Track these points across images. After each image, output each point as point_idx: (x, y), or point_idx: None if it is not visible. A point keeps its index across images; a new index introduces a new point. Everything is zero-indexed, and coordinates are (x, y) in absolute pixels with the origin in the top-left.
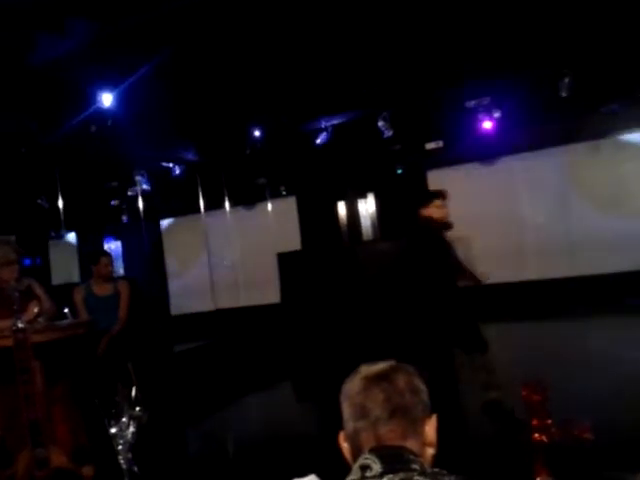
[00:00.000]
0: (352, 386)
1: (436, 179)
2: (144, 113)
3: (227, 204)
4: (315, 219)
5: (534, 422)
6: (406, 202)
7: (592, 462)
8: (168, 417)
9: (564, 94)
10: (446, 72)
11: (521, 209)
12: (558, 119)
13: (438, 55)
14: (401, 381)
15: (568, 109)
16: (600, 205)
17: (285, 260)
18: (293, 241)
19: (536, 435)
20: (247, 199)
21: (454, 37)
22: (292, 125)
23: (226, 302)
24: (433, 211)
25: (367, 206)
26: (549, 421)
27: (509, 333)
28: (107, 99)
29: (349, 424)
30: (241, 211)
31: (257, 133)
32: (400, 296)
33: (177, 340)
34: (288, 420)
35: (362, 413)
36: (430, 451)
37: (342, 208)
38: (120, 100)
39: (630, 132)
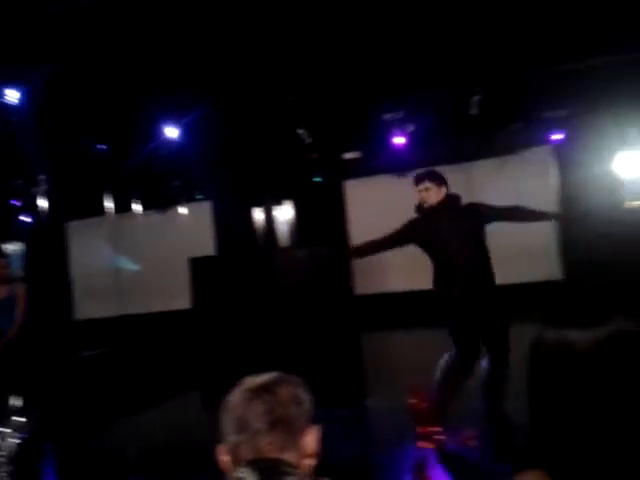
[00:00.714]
0: (233, 398)
1: (353, 189)
2: (50, 109)
3: (138, 207)
4: (230, 225)
5: (420, 429)
6: (323, 210)
7: (477, 467)
8: (64, 425)
9: (474, 112)
10: (363, 84)
11: None
12: (468, 135)
13: (356, 66)
14: (284, 392)
15: (478, 126)
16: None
17: (197, 265)
18: (207, 247)
19: (422, 442)
20: (160, 202)
21: (372, 50)
22: (205, 127)
23: (134, 308)
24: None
25: (284, 213)
26: (436, 428)
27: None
28: (13, 95)
29: (229, 437)
30: (153, 214)
31: (171, 133)
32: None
33: (81, 346)
34: (193, 427)
35: (242, 426)
36: (309, 462)
37: (259, 214)
38: (26, 94)
39: (533, 149)
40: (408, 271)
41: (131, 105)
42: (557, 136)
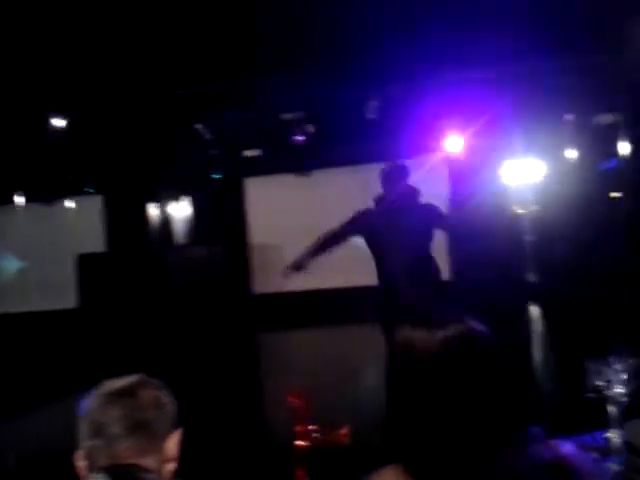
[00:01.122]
0: (91, 403)
1: (254, 187)
2: None
3: (20, 199)
4: (122, 220)
5: (298, 428)
6: (221, 207)
7: (350, 465)
8: None
9: (372, 116)
10: (263, 82)
11: (331, 222)
12: (366, 139)
13: (258, 64)
14: (145, 396)
15: (375, 130)
16: None
17: (86, 262)
18: (96, 243)
19: (298, 441)
20: (46, 195)
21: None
22: (99, 119)
23: (14, 306)
24: None
25: (181, 209)
26: (312, 427)
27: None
28: None
29: (85, 442)
30: (37, 208)
31: (59, 123)
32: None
33: None
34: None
35: (98, 431)
36: (170, 466)
37: (153, 210)
38: None
39: (426, 155)
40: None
41: (15, 93)
42: (450, 143)
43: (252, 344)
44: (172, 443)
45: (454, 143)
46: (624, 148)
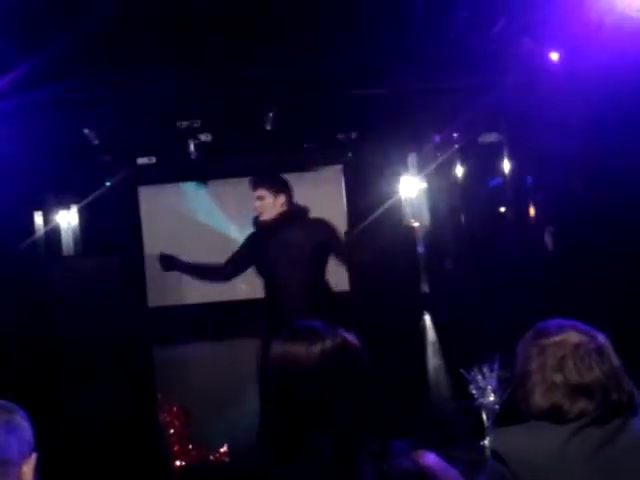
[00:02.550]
0: None
1: (148, 195)
2: None
3: None
4: (5, 229)
5: (175, 447)
6: (114, 216)
7: None
8: None
9: (269, 127)
10: (157, 89)
11: (227, 231)
12: (264, 149)
13: (149, 69)
14: None
15: (273, 141)
16: None
17: None
18: None
19: (177, 461)
20: None
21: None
22: None
23: None
24: None
25: (69, 218)
26: (190, 446)
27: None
28: None
29: None
30: None
31: None
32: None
33: None
34: None
35: None
36: None
37: (39, 218)
38: None
39: (324, 168)
40: (203, 283)
41: None
42: (347, 157)
43: (147, 358)
44: (27, 469)
45: (350, 156)
46: (507, 165)
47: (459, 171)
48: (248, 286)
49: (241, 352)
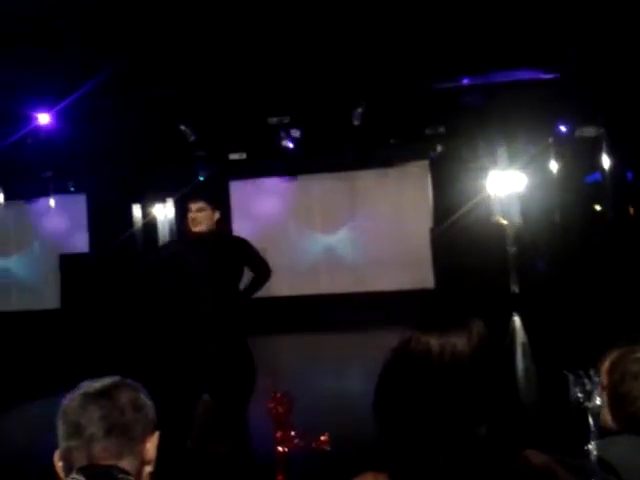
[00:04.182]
0: (69, 403)
1: (238, 190)
2: None
3: (1, 196)
4: (107, 221)
5: (278, 434)
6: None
7: (330, 472)
8: None
9: (356, 123)
10: (249, 86)
11: (314, 226)
12: (351, 145)
13: (241, 67)
14: (123, 397)
15: (360, 137)
16: (381, 228)
17: (68, 262)
18: (80, 243)
19: (279, 447)
20: (28, 192)
21: (261, 51)
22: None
23: None
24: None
25: (166, 211)
26: (292, 433)
27: (292, 344)
28: None
29: (63, 442)
30: (20, 205)
31: (43, 119)
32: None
33: None
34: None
35: (76, 431)
36: (148, 469)
37: (137, 211)
38: None
39: (411, 163)
40: (292, 277)
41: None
42: (434, 152)
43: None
44: (150, 445)
45: (438, 151)
46: (607, 161)
47: (554, 166)
48: (334, 280)
49: (328, 344)
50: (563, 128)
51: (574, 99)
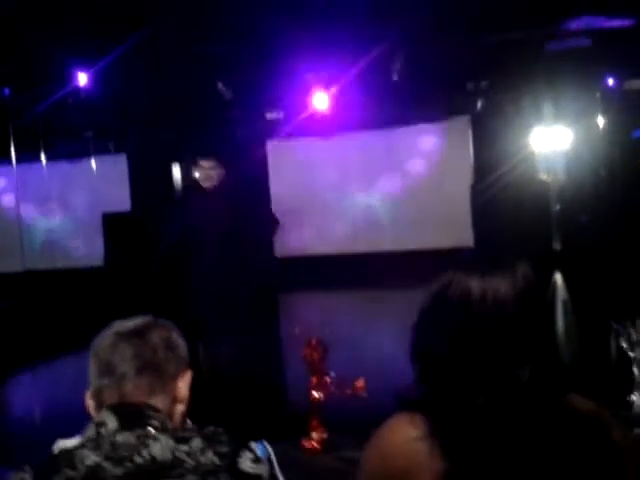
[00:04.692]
0: (101, 342)
1: (276, 149)
2: None
3: (43, 156)
4: (147, 180)
5: (313, 380)
6: (244, 169)
7: (365, 417)
8: None
9: (395, 78)
10: (282, 41)
11: (352, 185)
12: (389, 101)
13: (274, 24)
14: (155, 337)
15: (399, 93)
16: (420, 186)
17: (111, 222)
18: (121, 202)
19: (314, 392)
20: (70, 152)
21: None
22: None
23: (39, 263)
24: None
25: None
26: (327, 379)
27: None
28: None
29: (94, 381)
30: (63, 165)
31: (82, 79)
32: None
33: None
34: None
35: (108, 370)
36: (180, 407)
37: (176, 170)
38: None
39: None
40: (327, 236)
41: (38, 46)
42: (476, 107)
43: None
44: (182, 384)
45: (480, 106)
46: None
47: (600, 122)
48: (373, 239)
49: (367, 302)
50: (611, 81)
51: (622, 50)
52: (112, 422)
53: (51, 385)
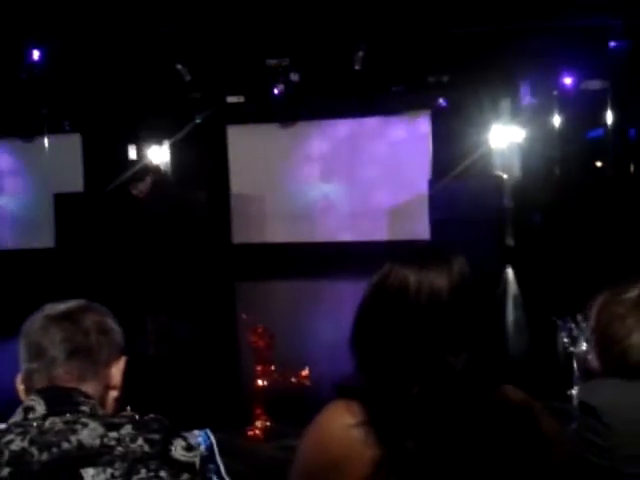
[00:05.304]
0: (31, 325)
1: (236, 134)
2: None
3: None
4: (101, 161)
5: (258, 368)
6: (202, 153)
7: (309, 406)
8: None
9: (358, 67)
10: (247, 25)
11: (312, 174)
12: (352, 91)
13: (240, 5)
14: (88, 321)
15: (361, 83)
16: (379, 177)
17: (63, 202)
18: (74, 182)
19: (259, 380)
20: (23, 130)
21: None
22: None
23: None
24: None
25: (161, 153)
26: (272, 367)
27: (286, 290)
28: None
29: (24, 365)
30: (15, 143)
31: (36, 54)
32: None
33: None
34: None
35: (37, 353)
36: (113, 394)
37: (133, 152)
38: None
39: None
40: (286, 223)
41: None
42: (436, 101)
43: (230, 292)
44: (115, 370)
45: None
46: (610, 117)
47: (557, 120)
48: (329, 228)
49: (322, 291)
50: (568, 81)
51: (580, 50)
52: (40, 407)
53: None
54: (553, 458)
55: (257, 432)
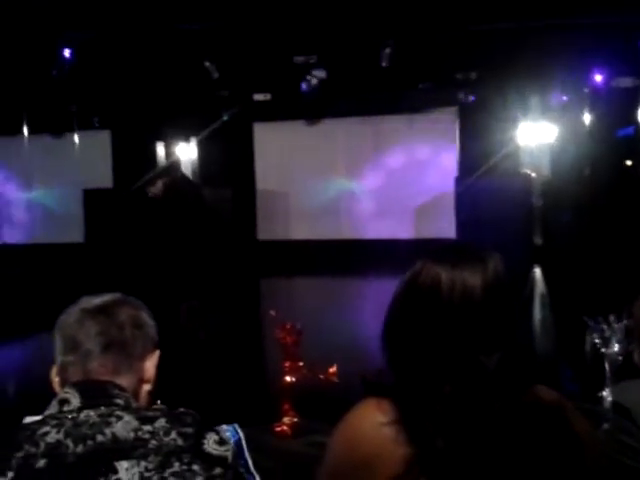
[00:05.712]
0: (67, 318)
1: (262, 131)
2: None
3: (26, 130)
4: (130, 158)
5: (286, 364)
6: (229, 150)
7: (336, 403)
8: None
9: (385, 64)
10: (275, 23)
11: (337, 171)
12: (378, 88)
13: (268, 4)
14: (123, 314)
15: (388, 80)
16: (405, 175)
17: (92, 198)
18: (103, 179)
19: (287, 377)
20: (53, 127)
21: None
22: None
23: (17, 237)
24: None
25: (189, 150)
26: (300, 363)
27: (311, 286)
28: None
29: (59, 357)
30: (46, 139)
31: (67, 52)
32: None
33: None
34: None
35: (73, 346)
36: (146, 387)
37: (161, 150)
38: None
39: (439, 109)
40: (311, 220)
41: (22, 20)
42: (464, 98)
43: (255, 288)
44: (149, 364)
45: (468, 98)
46: None
47: (587, 118)
48: (354, 226)
49: (346, 288)
50: (599, 78)
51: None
52: (75, 399)
53: (27, 361)
54: (585, 459)
55: (285, 428)
